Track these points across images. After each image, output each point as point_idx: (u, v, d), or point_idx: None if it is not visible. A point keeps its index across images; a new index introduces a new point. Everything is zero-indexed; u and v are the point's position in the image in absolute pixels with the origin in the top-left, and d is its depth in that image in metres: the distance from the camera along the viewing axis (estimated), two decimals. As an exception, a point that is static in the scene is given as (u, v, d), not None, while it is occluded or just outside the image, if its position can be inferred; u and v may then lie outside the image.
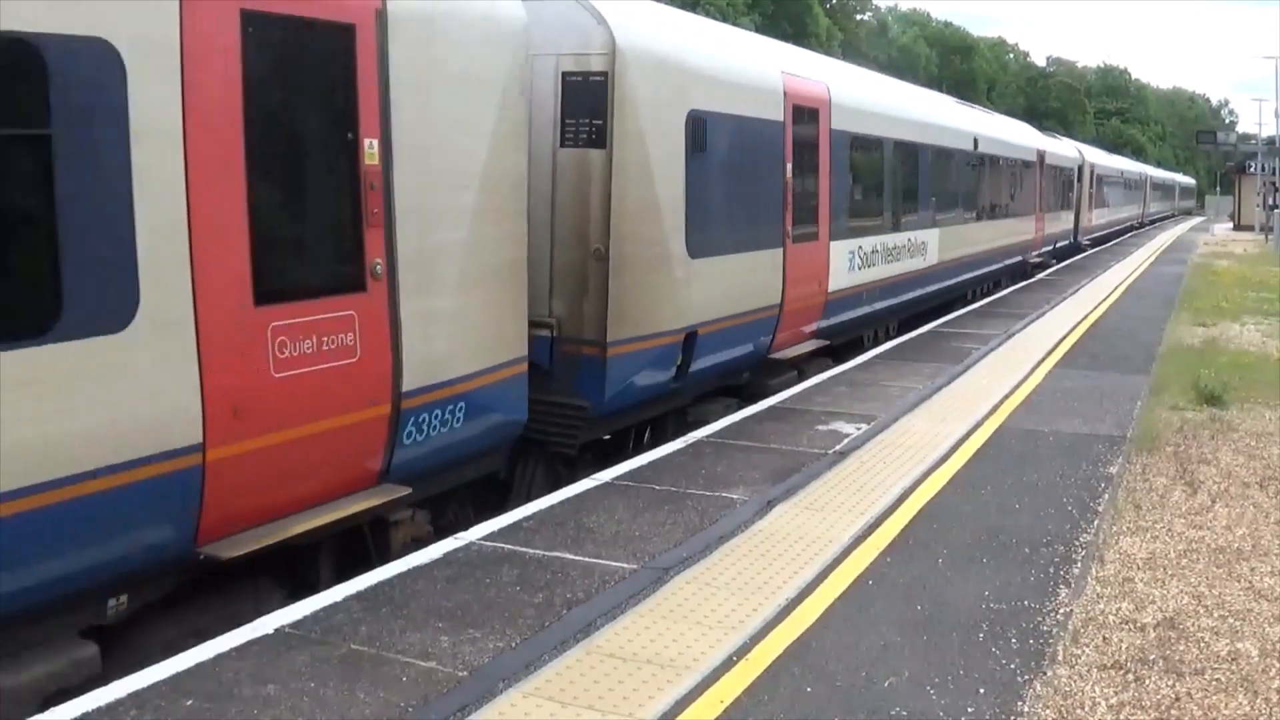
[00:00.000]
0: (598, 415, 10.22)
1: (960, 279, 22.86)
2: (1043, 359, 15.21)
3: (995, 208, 25.33)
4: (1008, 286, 26.51)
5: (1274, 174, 57.62)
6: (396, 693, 5.28)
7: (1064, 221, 35.89)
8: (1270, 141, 61.25)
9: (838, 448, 10.04)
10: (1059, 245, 35.00)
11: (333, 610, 6.25)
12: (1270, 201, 56.45)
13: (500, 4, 8.58)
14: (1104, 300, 23.23)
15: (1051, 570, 7.08)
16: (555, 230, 9.97)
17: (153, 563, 6.14)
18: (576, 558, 7.14)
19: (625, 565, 7.01)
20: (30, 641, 5.58)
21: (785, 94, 13.30)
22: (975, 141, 23.19)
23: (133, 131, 5.73)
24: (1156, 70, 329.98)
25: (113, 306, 5.70)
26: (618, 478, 9.03)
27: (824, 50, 56.19)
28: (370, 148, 7.18)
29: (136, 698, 5.16)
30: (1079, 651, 5.95)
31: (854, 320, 16.34)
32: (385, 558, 7.34)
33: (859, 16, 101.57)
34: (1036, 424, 11.18)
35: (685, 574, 6.87)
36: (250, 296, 6.43)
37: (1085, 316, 20.24)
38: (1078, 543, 7.63)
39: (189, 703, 5.13)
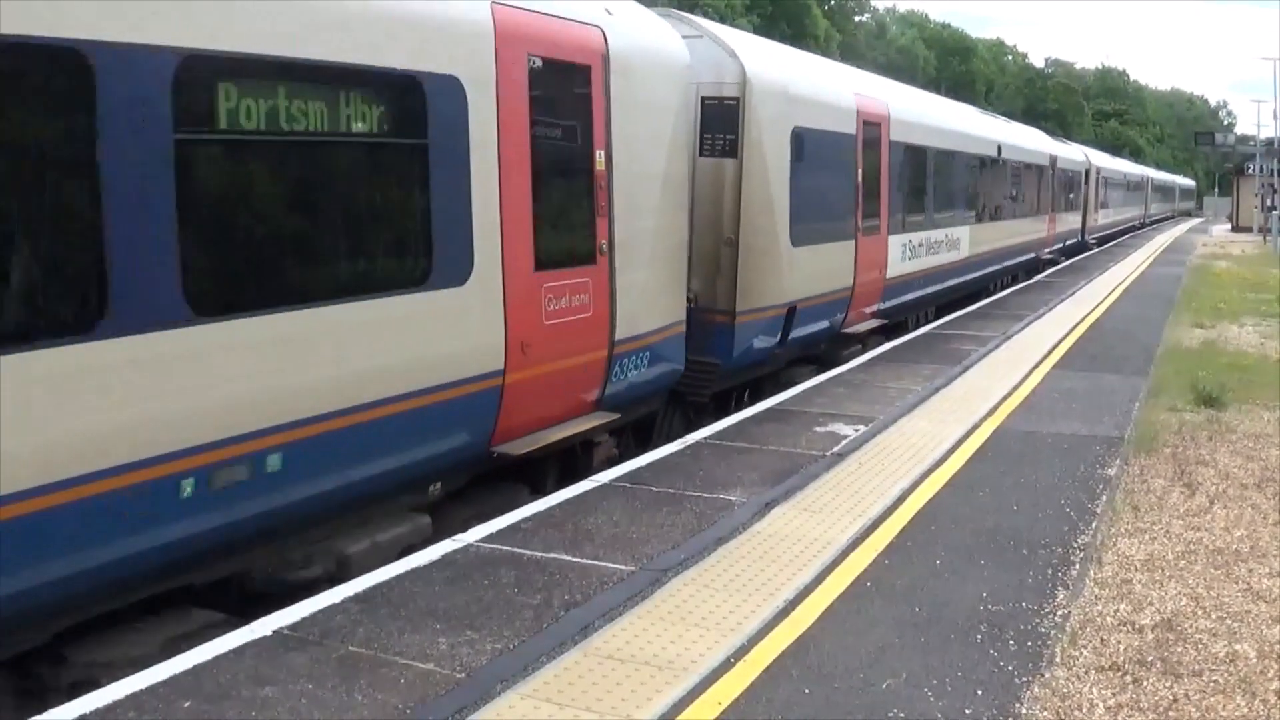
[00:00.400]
0: (725, 370, 12.64)
1: (986, 271, 25.06)
2: (1041, 360, 15.22)
3: (1014, 208, 27.62)
4: (1022, 281, 28.48)
5: (1273, 175, 57.60)
6: (394, 694, 5.28)
7: (1072, 221, 38.14)
8: (1269, 143, 61.24)
9: (836, 449, 10.05)
10: (1067, 244, 37.09)
11: (331, 612, 6.25)
12: (1269, 203, 56.44)
13: (673, 45, 11.03)
14: (1102, 301, 23.26)
15: (1049, 572, 7.09)
16: (694, 222, 11.92)
17: (462, 459, 8.32)
18: (574, 559, 7.14)
19: (623, 567, 7.01)
20: (383, 514, 7.74)
21: (857, 111, 15.88)
22: (999, 149, 25.57)
23: (470, 142, 7.97)
24: (1155, 72, 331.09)
25: (460, 268, 7.96)
26: (616, 479, 9.03)
27: (822, 52, 56.22)
28: (599, 157, 9.60)
29: (135, 699, 5.16)
30: (1077, 653, 5.95)
31: (905, 304, 18.92)
32: (589, 472, 9.52)
33: (857, 18, 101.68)
34: (1035, 425, 11.19)
35: (683, 575, 6.87)
36: (532, 265, 8.68)
37: (1084, 318, 20.26)
38: (1076, 544, 7.64)
39: (187, 704, 5.13)
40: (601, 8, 9.94)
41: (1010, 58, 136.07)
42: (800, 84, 14.17)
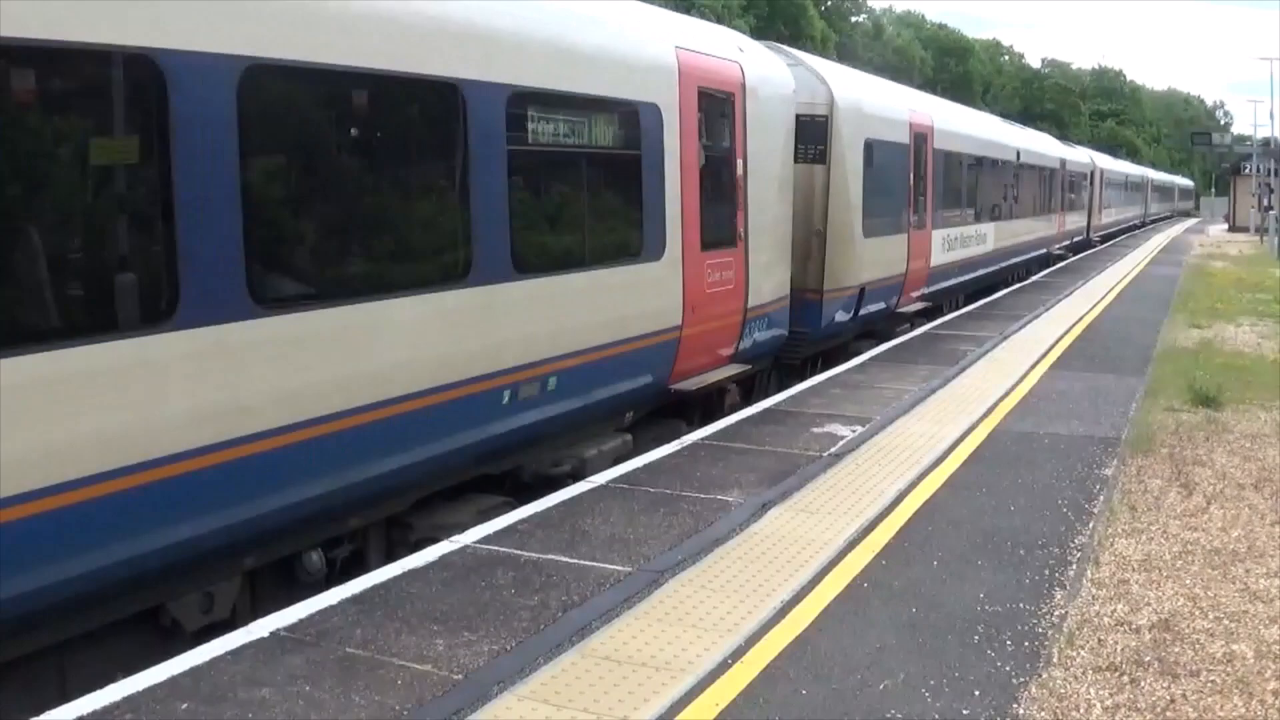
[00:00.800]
0: (813, 338, 15.64)
1: (1006, 264, 27.99)
2: (1038, 361, 15.23)
3: (1030, 208, 30.88)
4: (1036, 273, 31.24)
5: (1269, 175, 57.61)
6: (392, 696, 5.28)
7: (1079, 219, 41.50)
8: (1266, 143, 61.26)
9: (833, 450, 10.05)
10: (1075, 240, 40.08)
11: (328, 613, 6.24)
12: (1266, 203, 56.45)
13: (784, 74, 14.16)
14: (1099, 302, 23.28)
15: (1047, 572, 7.09)
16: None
17: (650, 393, 11.09)
18: (572, 561, 7.14)
19: (621, 568, 7.01)
20: (600, 432, 10.39)
21: (909, 125, 19.07)
22: (1018, 154, 28.80)
23: (665, 153, 10.75)
24: (1151, 72, 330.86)
25: (659, 246, 10.77)
26: (613, 480, 9.04)
27: (819, 53, 56.20)
28: (739, 164, 12.43)
29: (131, 702, 5.15)
30: (1074, 653, 5.95)
31: (943, 290, 22.02)
32: (722, 414, 11.99)
33: (854, 19, 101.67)
34: (1032, 426, 11.20)
35: (681, 577, 6.87)
36: (699, 246, 11.46)
37: (1080, 318, 20.28)
38: (1073, 545, 7.64)
39: (184, 706, 5.12)
40: (735, 46, 13.04)
41: (1007, 58, 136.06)
42: (870, 103, 17.39)
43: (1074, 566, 7.22)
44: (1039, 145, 33.42)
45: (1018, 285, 27.52)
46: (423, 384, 7.70)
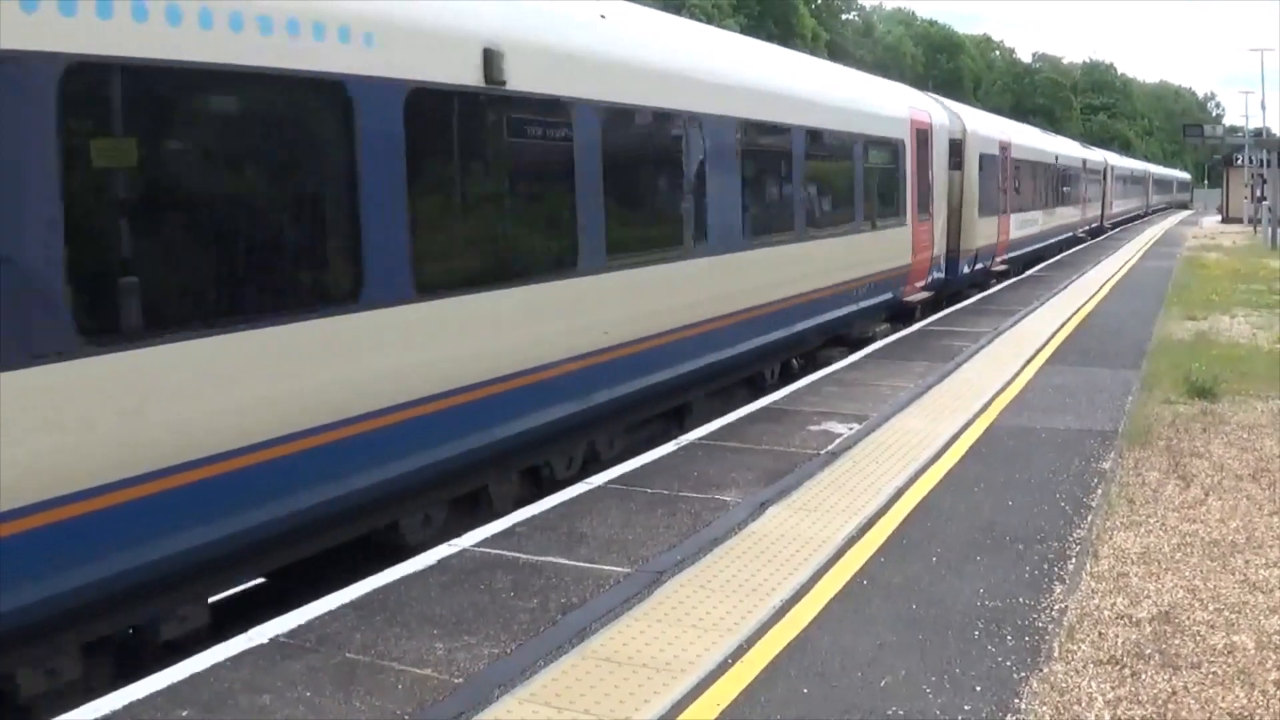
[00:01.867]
0: (953, 283, 23.44)
1: (1049, 242, 36.67)
2: (1033, 355, 15.25)
3: (1063, 199, 39.92)
4: (1065, 250, 39.28)
5: (1262, 166, 57.61)
6: (392, 700, 5.27)
7: (1095, 209, 50.89)
8: (1257, 133, 61.26)
9: (830, 448, 10.05)
10: (1091, 226, 49.11)
11: (328, 619, 6.24)
12: (1259, 193, 56.45)
13: (943, 115, 22.48)
14: (1093, 296, 23.30)
15: (1046, 567, 7.09)
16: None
17: (894, 302, 18.94)
18: (570, 562, 7.13)
19: (619, 569, 7.01)
20: (873, 323, 18.49)
21: (999, 142, 27.55)
22: (1056, 158, 38.21)
23: (904, 166, 19.30)
24: (1143, 65, 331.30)
25: (903, 216, 19.18)
26: (610, 481, 9.03)
27: (810, 50, 56.18)
28: (930, 171, 20.62)
29: (130, 709, 5.15)
30: (1075, 647, 5.95)
31: (1012, 257, 29.39)
32: (909, 322, 19.39)
33: (844, 16, 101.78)
34: (1028, 421, 11.20)
35: (680, 577, 6.87)
36: (918, 217, 19.86)
37: (1075, 312, 20.30)
38: (1072, 538, 7.64)
39: (185, 713, 5.12)
40: (924, 99, 22.39)
41: (998, 54, 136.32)
42: (982, 130, 26.14)
43: (1073, 560, 7.22)
44: (1068, 149, 43.45)
45: (1012, 280, 27.72)
46: (751, 302, 12.93)
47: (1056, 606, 6.45)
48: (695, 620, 6.21)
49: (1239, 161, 66.07)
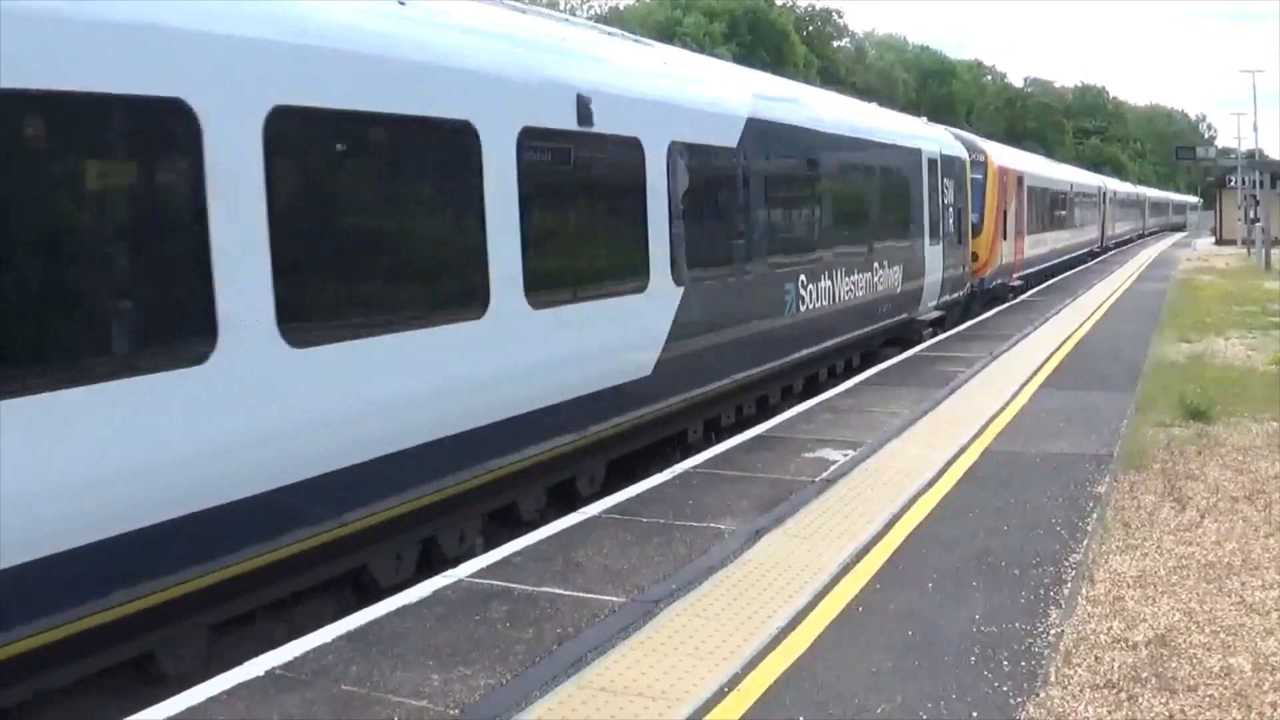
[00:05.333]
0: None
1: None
2: (1028, 380, 15.26)
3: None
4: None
5: (1255, 187, 57.81)
6: (387, 734, 5.25)
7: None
8: (1250, 155, 61.50)
9: (824, 475, 10.05)
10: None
11: (323, 651, 6.22)
12: (1252, 215, 56.62)
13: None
14: (1087, 320, 23.35)
15: (1042, 591, 7.09)
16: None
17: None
18: (566, 592, 7.13)
19: (615, 599, 7.00)
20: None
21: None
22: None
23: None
24: (1134, 88, 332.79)
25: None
26: (605, 511, 9.03)
27: (802, 78, 56.39)
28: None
29: (125, 747, 5.13)
30: (1071, 672, 5.94)
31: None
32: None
33: (836, 43, 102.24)
34: (1023, 445, 11.21)
35: (675, 606, 6.86)
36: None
37: (1069, 336, 20.34)
38: (1067, 563, 7.64)
39: (178, 750, 5.10)
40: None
41: (989, 78, 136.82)
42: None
43: (1069, 585, 7.21)
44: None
45: (1005, 305, 27.86)
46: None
47: (1053, 631, 6.44)
48: (691, 649, 6.20)
49: (1232, 183, 66.24)
